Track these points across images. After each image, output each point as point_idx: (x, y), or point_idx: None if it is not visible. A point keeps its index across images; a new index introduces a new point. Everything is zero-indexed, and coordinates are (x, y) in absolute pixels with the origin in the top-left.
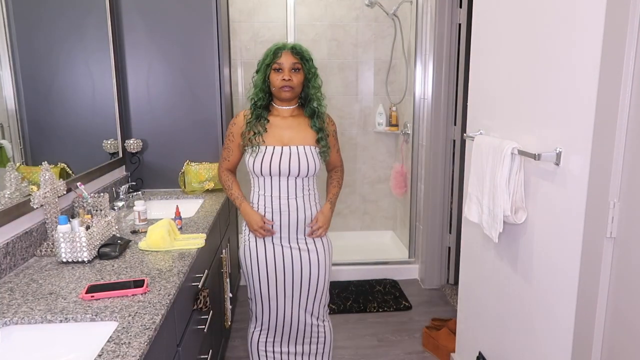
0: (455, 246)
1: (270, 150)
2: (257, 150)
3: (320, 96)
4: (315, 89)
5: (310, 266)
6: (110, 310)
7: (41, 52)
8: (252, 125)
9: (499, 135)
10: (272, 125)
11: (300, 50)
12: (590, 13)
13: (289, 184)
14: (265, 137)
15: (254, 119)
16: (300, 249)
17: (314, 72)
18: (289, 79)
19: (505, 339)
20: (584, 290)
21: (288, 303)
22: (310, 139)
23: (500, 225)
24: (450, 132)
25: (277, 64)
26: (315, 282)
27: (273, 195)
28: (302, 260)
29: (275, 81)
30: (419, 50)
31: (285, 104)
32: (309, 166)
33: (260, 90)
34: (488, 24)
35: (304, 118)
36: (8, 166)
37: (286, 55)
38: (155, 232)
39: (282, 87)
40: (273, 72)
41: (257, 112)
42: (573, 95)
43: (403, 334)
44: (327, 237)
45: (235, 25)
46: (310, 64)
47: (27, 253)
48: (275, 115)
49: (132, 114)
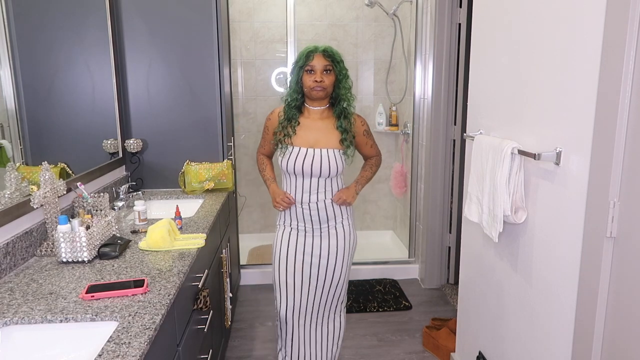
0: (455, 246)
1: (296, 151)
2: (285, 150)
3: (350, 97)
4: (346, 90)
5: (329, 251)
6: (110, 310)
7: (41, 52)
8: (284, 126)
9: (499, 135)
10: (301, 127)
11: (332, 53)
12: (590, 13)
13: (312, 183)
14: (294, 138)
15: (286, 119)
16: (322, 235)
17: (345, 73)
18: (321, 80)
19: (506, 339)
20: (584, 290)
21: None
22: (335, 142)
23: (500, 225)
24: (450, 132)
25: (310, 66)
26: (333, 268)
27: (298, 191)
28: (322, 245)
29: (307, 82)
30: (419, 50)
31: (317, 104)
32: (331, 168)
33: (294, 91)
34: (488, 24)
35: (332, 119)
36: (8, 166)
37: (318, 57)
38: (155, 232)
39: (314, 87)
40: (306, 73)
41: (290, 112)
42: (573, 95)
43: (403, 334)
44: (351, 231)
45: (235, 25)
46: (341, 66)
47: (27, 253)
48: (306, 117)
49: (132, 114)
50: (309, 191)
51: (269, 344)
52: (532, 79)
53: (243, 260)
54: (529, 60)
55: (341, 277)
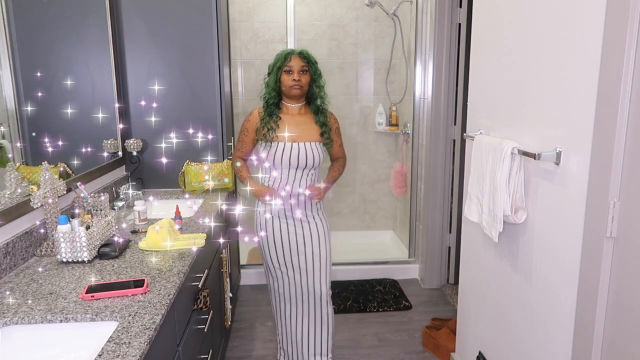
0: (455, 246)
1: (281, 146)
2: (270, 146)
3: (324, 95)
4: (319, 89)
5: (311, 235)
6: (110, 310)
7: (41, 52)
8: (266, 122)
9: (499, 135)
10: (283, 122)
11: (307, 55)
12: (590, 13)
13: (297, 174)
14: (278, 132)
15: (267, 115)
16: (302, 221)
17: (319, 73)
18: (298, 79)
19: (506, 339)
20: (584, 289)
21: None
22: (315, 135)
23: (500, 225)
24: (450, 132)
25: (288, 67)
26: (318, 251)
27: (282, 182)
28: (304, 231)
29: (286, 81)
30: (419, 50)
31: (294, 102)
32: (315, 159)
33: (273, 89)
34: (488, 24)
35: (310, 115)
36: (8, 166)
37: (295, 59)
38: (155, 232)
39: (293, 86)
40: (284, 73)
41: (269, 109)
42: (573, 94)
43: (403, 334)
44: (324, 217)
45: (235, 25)
46: (316, 67)
47: (27, 253)
48: (285, 113)
49: (132, 114)
50: (291, 182)
51: (269, 344)
52: (532, 79)
53: (243, 260)
54: (529, 60)
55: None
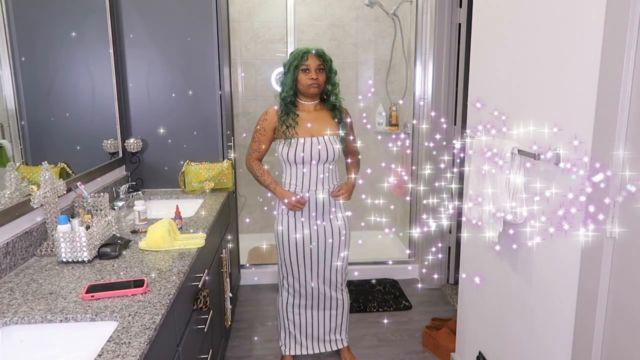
0: (455, 246)
1: (302, 142)
2: (290, 143)
3: (338, 92)
4: (334, 86)
5: (333, 235)
6: (110, 310)
7: (41, 52)
8: (284, 120)
9: (498, 135)
10: (300, 119)
11: (323, 54)
12: (590, 13)
13: (317, 169)
14: (297, 130)
15: (285, 114)
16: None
17: (334, 71)
18: (316, 77)
19: (506, 339)
20: (584, 290)
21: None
22: (332, 129)
23: (500, 225)
24: (450, 132)
25: (305, 66)
26: (337, 250)
27: (304, 178)
28: (326, 231)
29: (304, 80)
30: (419, 50)
31: (310, 100)
32: (334, 152)
33: (290, 88)
34: (488, 24)
35: (325, 111)
36: (8, 166)
37: (312, 58)
38: (155, 232)
39: (311, 84)
40: (301, 72)
41: (286, 108)
42: (573, 94)
43: (403, 334)
44: (347, 217)
45: (235, 25)
46: (331, 65)
47: (27, 253)
48: (301, 110)
49: (132, 114)
50: (309, 179)
51: (269, 344)
52: (532, 79)
53: (243, 260)
54: (529, 60)
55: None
